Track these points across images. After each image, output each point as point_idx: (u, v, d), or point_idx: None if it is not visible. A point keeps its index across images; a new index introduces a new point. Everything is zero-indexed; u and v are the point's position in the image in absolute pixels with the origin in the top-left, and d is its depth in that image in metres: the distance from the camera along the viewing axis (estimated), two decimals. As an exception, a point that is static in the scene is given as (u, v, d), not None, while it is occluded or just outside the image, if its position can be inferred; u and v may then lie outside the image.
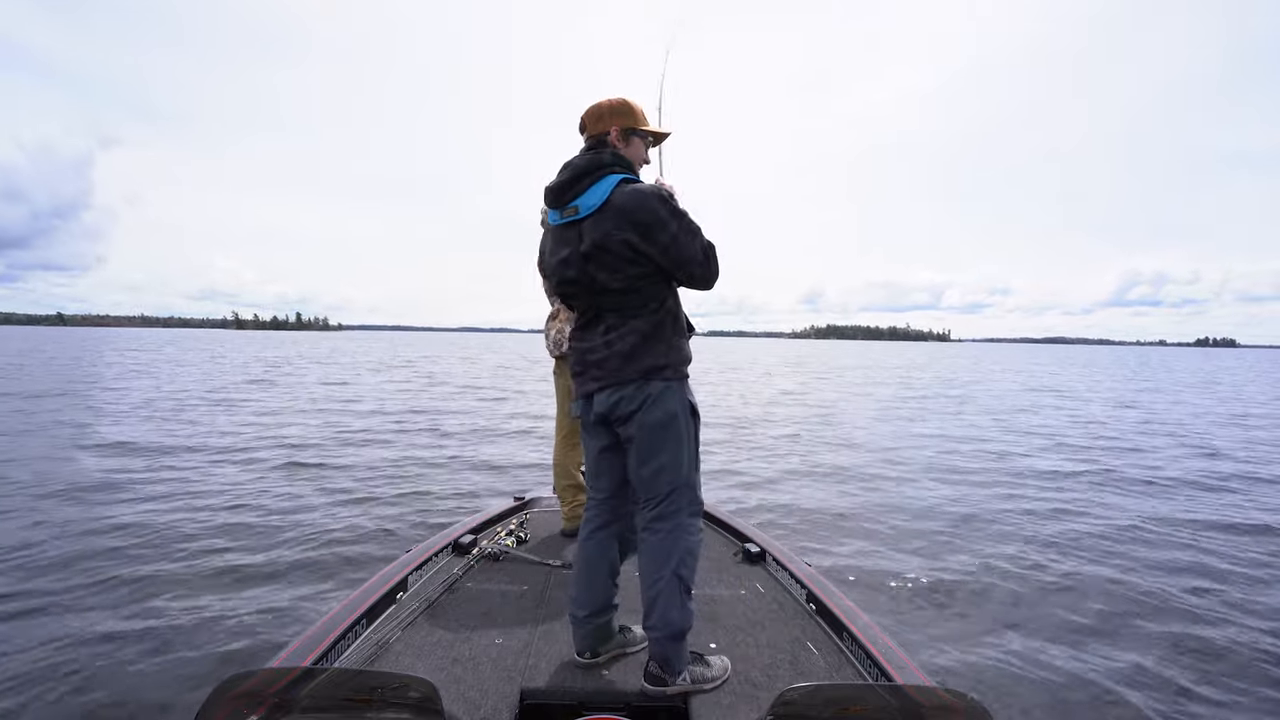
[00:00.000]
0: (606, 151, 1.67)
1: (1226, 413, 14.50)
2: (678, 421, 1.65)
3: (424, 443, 8.66)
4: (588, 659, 1.78)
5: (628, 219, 1.56)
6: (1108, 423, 12.21)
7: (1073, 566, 4.15)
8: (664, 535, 1.65)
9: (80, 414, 10.31)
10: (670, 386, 1.64)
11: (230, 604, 3.30)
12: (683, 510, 1.67)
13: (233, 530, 4.53)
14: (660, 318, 1.66)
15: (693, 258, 1.61)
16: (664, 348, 1.64)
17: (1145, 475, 7.17)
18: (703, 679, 1.65)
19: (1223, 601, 3.61)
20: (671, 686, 1.61)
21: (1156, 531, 4.97)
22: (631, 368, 1.62)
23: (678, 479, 1.66)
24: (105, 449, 7.42)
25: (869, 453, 8.49)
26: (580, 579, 1.80)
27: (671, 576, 1.62)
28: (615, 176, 1.62)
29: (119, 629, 3.00)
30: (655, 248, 1.58)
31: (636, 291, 1.63)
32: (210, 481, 6.05)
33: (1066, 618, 3.38)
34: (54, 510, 4.90)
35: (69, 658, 2.73)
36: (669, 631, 1.61)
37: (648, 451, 1.65)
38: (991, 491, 6.31)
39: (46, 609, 3.20)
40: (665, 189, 1.64)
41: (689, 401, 1.69)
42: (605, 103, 1.71)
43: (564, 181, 1.66)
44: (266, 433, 9.06)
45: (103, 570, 3.71)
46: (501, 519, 3.13)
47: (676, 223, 1.58)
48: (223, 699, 1.01)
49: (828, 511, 5.41)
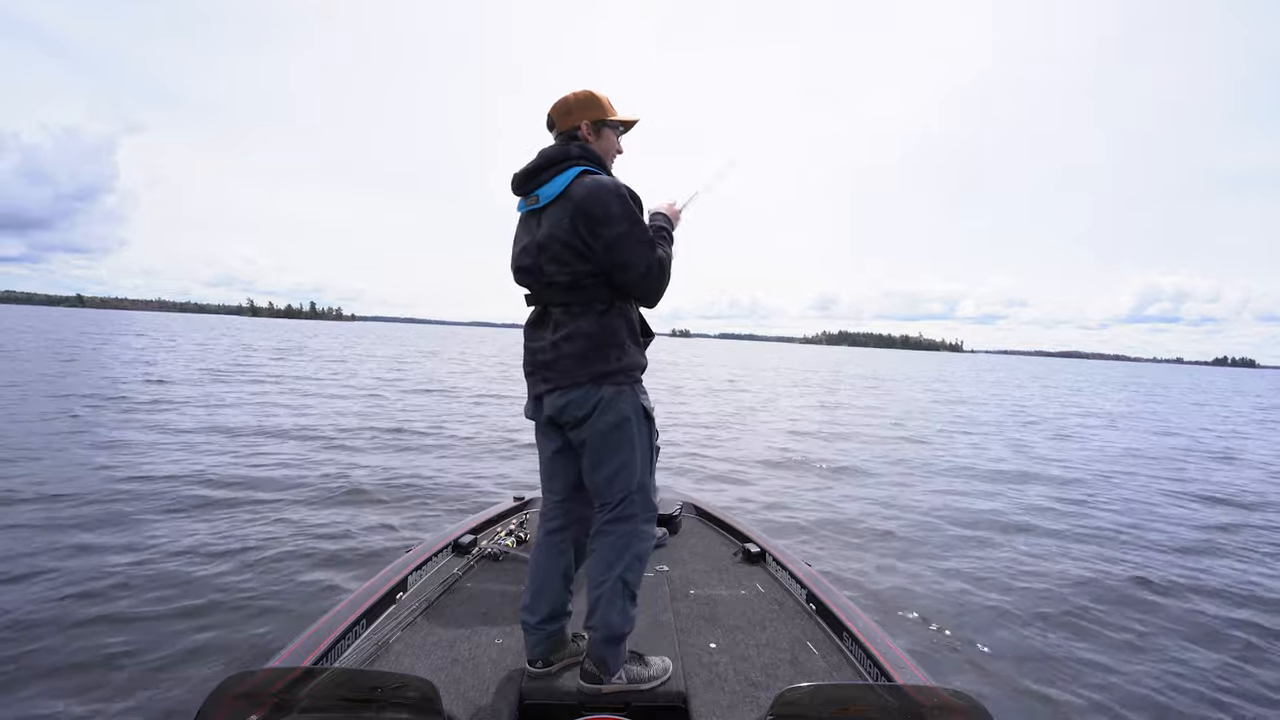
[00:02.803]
0: (575, 144, 1.67)
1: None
2: (629, 425, 1.62)
3: (424, 442, 8.66)
4: (540, 668, 1.72)
5: (579, 208, 1.55)
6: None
7: (1095, 573, 4.15)
8: (615, 539, 1.64)
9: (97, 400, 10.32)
10: (622, 390, 1.61)
11: (229, 604, 3.30)
12: (637, 515, 1.65)
13: (233, 530, 4.53)
14: (610, 320, 1.62)
15: (632, 265, 1.57)
16: (616, 352, 1.61)
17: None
18: (639, 678, 1.64)
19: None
20: (607, 685, 1.61)
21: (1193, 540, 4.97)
22: (582, 371, 1.59)
23: (630, 484, 1.64)
24: (103, 446, 7.42)
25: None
26: (532, 584, 1.75)
27: (617, 580, 1.61)
28: (579, 168, 1.61)
29: (118, 629, 2.99)
30: (598, 242, 1.55)
31: (582, 289, 1.60)
32: (211, 477, 6.05)
33: (1067, 617, 3.39)
34: (55, 508, 4.90)
35: (68, 657, 2.73)
36: (607, 633, 1.61)
37: (600, 457, 1.63)
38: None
39: (47, 609, 3.20)
40: (627, 189, 1.60)
41: (641, 405, 1.66)
42: (571, 96, 1.69)
43: (529, 170, 1.66)
44: (268, 427, 9.05)
45: (102, 570, 3.71)
46: (501, 519, 3.13)
47: (627, 224, 1.55)
48: (222, 699, 1.01)
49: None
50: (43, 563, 3.80)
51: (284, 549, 4.17)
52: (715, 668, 1.77)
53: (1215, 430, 14.32)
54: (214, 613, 3.19)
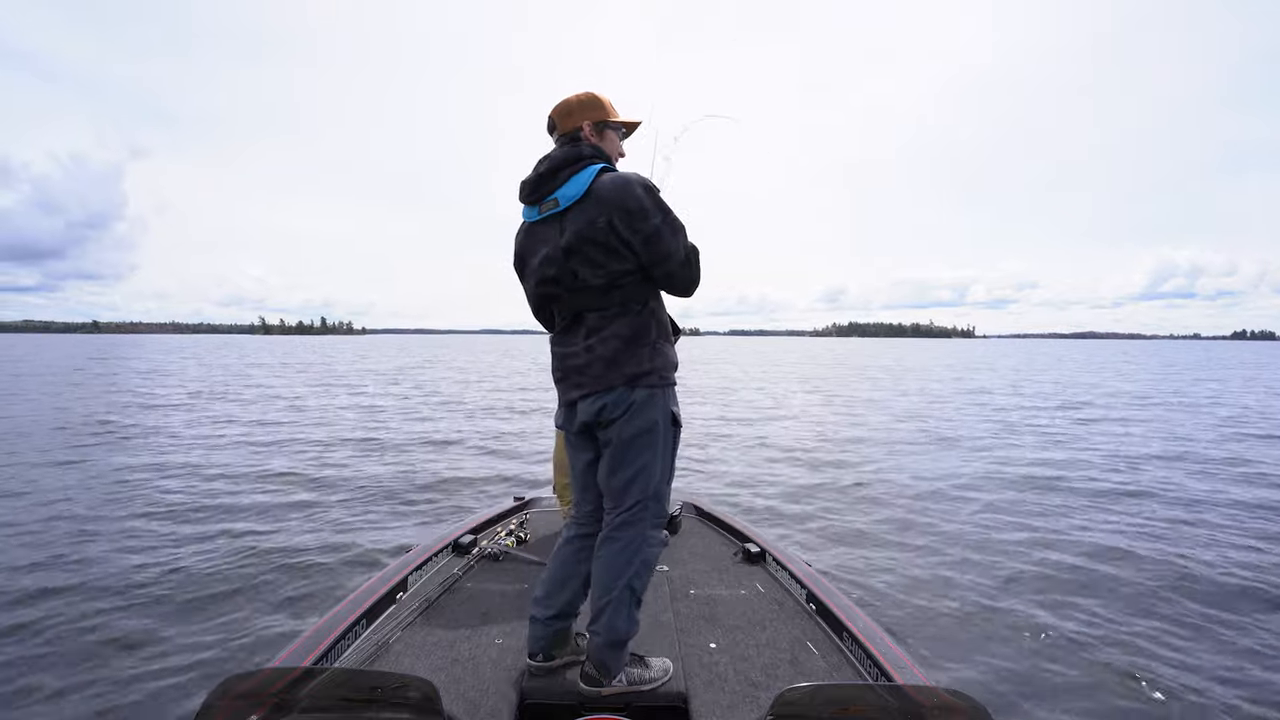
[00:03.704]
0: (585, 145, 1.63)
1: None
2: (657, 431, 1.60)
3: (423, 442, 8.66)
4: (540, 662, 1.72)
5: (613, 205, 1.50)
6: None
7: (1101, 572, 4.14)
8: (623, 545, 1.62)
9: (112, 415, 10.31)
10: (654, 394, 1.59)
11: (229, 604, 3.31)
12: (646, 521, 1.63)
13: (231, 530, 4.53)
14: (644, 320, 1.60)
15: (673, 254, 1.56)
16: (649, 352, 1.59)
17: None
18: (640, 680, 1.63)
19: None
20: (607, 688, 1.60)
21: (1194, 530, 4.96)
22: (615, 373, 1.56)
23: (647, 491, 1.61)
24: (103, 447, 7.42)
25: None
26: (551, 581, 1.75)
27: (625, 587, 1.60)
28: (596, 166, 1.58)
29: (118, 629, 3.00)
30: (637, 237, 1.52)
31: (619, 289, 1.58)
32: (209, 478, 6.05)
33: (1070, 619, 3.38)
34: (55, 513, 4.90)
35: (68, 657, 2.73)
36: (612, 639, 1.59)
37: (621, 461, 1.60)
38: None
39: (46, 608, 3.21)
40: (649, 180, 1.58)
41: (671, 411, 1.63)
42: (574, 98, 1.65)
43: (542, 174, 1.60)
44: (267, 434, 9.06)
45: (100, 570, 3.71)
46: (501, 519, 3.13)
47: (661, 215, 1.54)
48: (223, 699, 1.01)
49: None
50: (43, 562, 3.80)
51: (283, 549, 4.17)
52: (715, 668, 1.77)
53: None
54: (213, 613, 3.19)
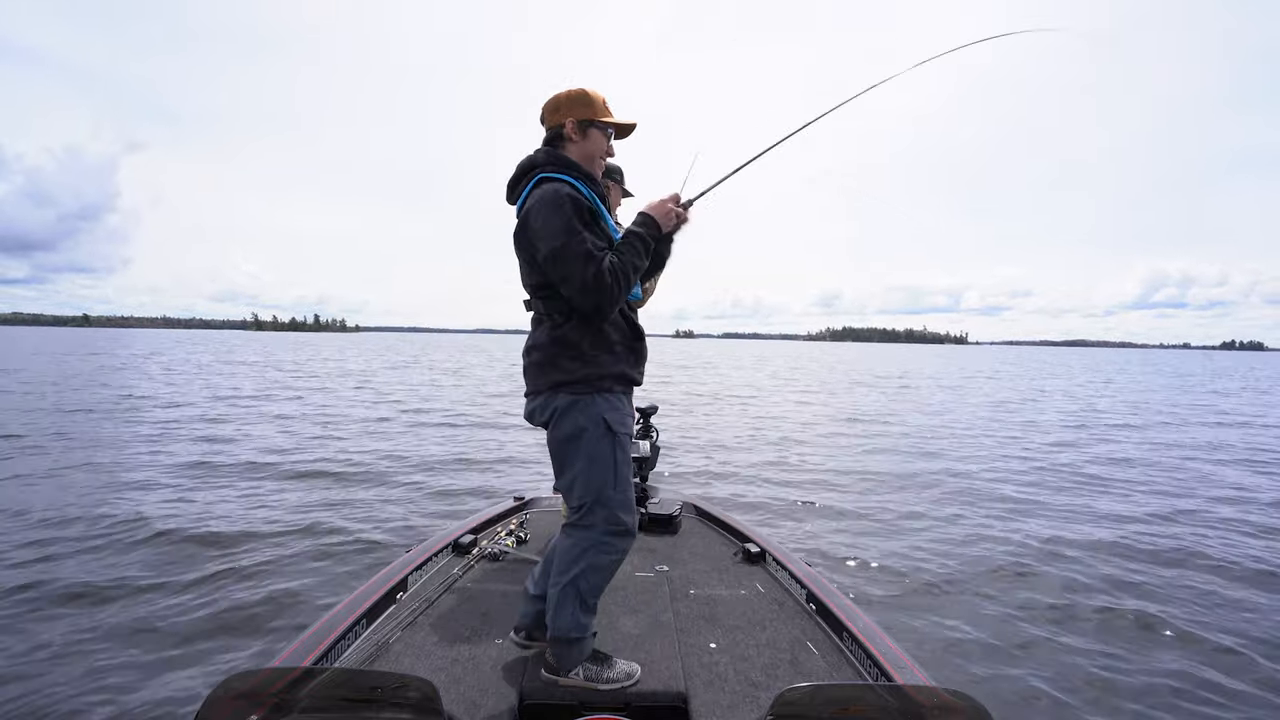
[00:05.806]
0: (540, 151, 1.66)
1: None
2: (585, 437, 1.58)
3: (423, 442, 8.66)
4: (521, 639, 1.78)
5: (526, 220, 1.55)
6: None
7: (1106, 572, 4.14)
8: (573, 543, 1.65)
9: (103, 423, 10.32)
10: (580, 401, 1.58)
11: (230, 604, 3.30)
12: (596, 526, 1.62)
13: (231, 530, 4.53)
14: (573, 329, 1.59)
15: (571, 278, 1.50)
16: (575, 363, 1.58)
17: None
18: (597, 678, 1.64)
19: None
20: (564, 679, 1.63)
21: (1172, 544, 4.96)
22: (542, 379, 1.62)
23: (588, 495, 1.61)
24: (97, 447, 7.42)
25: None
26: (544, 562, 1.79)
27: (569, 584, 1.62)
28: (539, 175, 1.60)
29: (118, 630, 2.99)
30: (539, 255, 1.54)
31: (545, 299, 1.61)
32: (210, 479, 6.05)
33: (1069, 619, 3.38)
34: (56, 511, 4.90)
35: (68, 657, 2.73)
36: (555, 633, 1.63)
37: (560, 463, 1.66)
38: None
39: (45, 607, 3.20)
40: (571, 197, 1.53)
41: (602, 417, 1.59)
42: (563, 94, 1.65)
43: (510, 181, 1.69)
44: (268, 432, 9.06)
45: (100, 570, 3.71)
46: (501, 519, 3.13)
47: (564, 236, 1.48)
48: (223, 699, 1.01)
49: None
50: (42, 563, 3.80)
51: (283, 549, 4.17)
52: (715, 668, 1.77)
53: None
54: (213, 613, 3.19)
